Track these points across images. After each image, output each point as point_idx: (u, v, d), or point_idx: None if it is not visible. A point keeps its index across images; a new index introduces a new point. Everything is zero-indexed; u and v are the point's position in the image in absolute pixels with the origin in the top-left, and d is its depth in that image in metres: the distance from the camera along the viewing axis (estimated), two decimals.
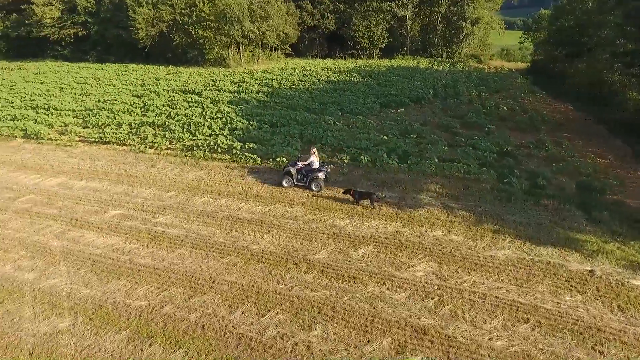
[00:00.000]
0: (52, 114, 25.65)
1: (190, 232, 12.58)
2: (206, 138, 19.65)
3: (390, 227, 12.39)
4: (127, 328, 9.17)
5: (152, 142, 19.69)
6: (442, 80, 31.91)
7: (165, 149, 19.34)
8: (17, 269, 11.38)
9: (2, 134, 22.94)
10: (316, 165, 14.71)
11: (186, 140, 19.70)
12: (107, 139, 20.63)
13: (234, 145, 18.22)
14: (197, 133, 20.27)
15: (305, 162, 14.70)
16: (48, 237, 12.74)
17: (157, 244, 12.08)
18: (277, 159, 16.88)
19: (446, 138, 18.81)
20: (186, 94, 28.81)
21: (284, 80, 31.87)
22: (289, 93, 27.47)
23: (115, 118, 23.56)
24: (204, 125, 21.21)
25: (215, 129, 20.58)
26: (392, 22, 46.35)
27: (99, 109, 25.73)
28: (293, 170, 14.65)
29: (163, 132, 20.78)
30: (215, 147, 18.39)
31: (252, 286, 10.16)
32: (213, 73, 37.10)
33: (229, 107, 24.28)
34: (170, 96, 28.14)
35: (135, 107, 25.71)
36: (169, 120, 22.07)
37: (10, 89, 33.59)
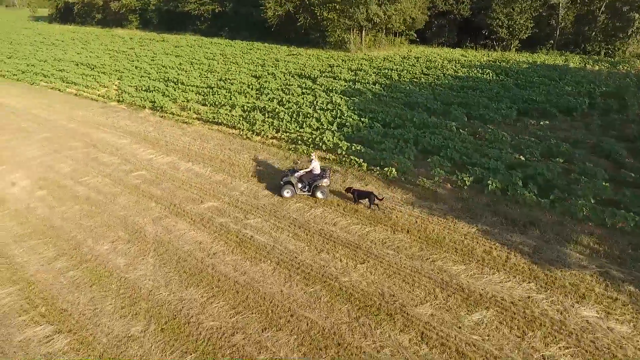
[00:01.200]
0: (178, 88, 27.11)
1: (278, 243, 11.40)
2: (312, 132, 18.39)
3: (520, 288, 9.55)
4: (194, 352, 8.31)
5: (259, 129, 19.15)
6: (601, 85, 25.75)
7: (271, 138, 18.62)
8: (112, 251, 11.50)
9: (136, 104, 24.85)
10: (318, 171, 13.60)
11: (292, 131, 18.72)
12: (220, 120, 20.75)
13: (340, 145, 16.60)
14: (304, 125, 19.14)
15: (307, 170, 13.57)
16: (146, 220, 12.79)
17: (242, 251, 11.17)
18: (385, 169, 14.78)
19: (607, 169, 14.46)
20: (301, 78, 28.03)
21: (405, 71, 29.08)
22: (408, 88, 24.78)
23: (231, 99, 23.79)
24: (312, 116, 19.99)
25: (323, 122, 19.20)
26: (540, 10, 39.46)
27: (219, 88, 26.38)
28: (294, 180, 13.41)
29: (271, 120, 20.13)
30: (320, 144, 17.00)
31: (334, 334, 8.52)
32: (332, 57, 35.87)
33: (341, 98, 22.70)
34: (285, 80, 27.66)
35: (252, 89, 25.74)
36: (279, 108, 21.38)
37: (152, 60, 36.90)
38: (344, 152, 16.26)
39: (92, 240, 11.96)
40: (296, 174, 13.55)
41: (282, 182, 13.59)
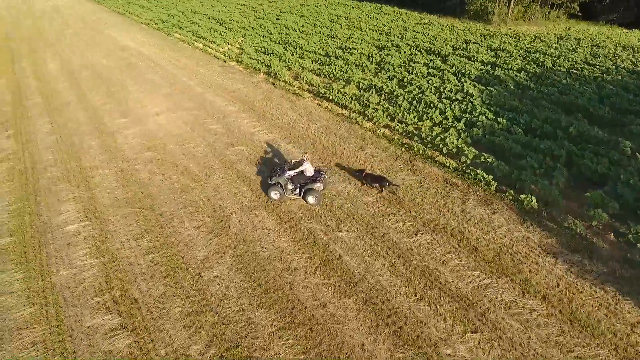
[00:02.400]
0: (296, 53, 25.78)
1: (370, 273, 9.42)
2: (433, 127, 15.47)
3: None
4: None
5: (372, 114, 16.83)
6: None
7: (384, 127, 16.21)
8: (194, 238, 10.76)
9: (252, 67, 24.27)
10: (310, 173, 11.91)
11: (409, 123, 16.00)
12: (331, 97, 18.90)
13: (465, 151, 13.53)
14: (424, 116, 16.23)
15: (298, 170, 11.79)
16: (234, 208, 11.83)
17: (327, 273, 9.47)
18: (522, 195, 11.48)
19: None
20: (429, 54, 24.42)
21: (562, 57, 23.39)
22: (565, 81, 19.69)
23: (347, 72, 21.65)
24: (436, 107, 16.89)
25: (448, 117, 16.05)
26: None
27: (336, 57, 24.35)
28: (283, 181, 11.75)
29: (387, 104, 17.58)
30: (441, 146, 14.11)
31: None
32: (469, 30, 30.91)
33: (475, 86, 18.92)
34: (411, 54, 24.36)
35: (371, 62, 23.18)
36: (398, 90, 18.61)
37: (276, 19, 36.18)
38: (468, 161, 13.20)
39: (178, 222, 11.40)
40: (286, 175, 11.79)
41: (270, 182, 11.95)
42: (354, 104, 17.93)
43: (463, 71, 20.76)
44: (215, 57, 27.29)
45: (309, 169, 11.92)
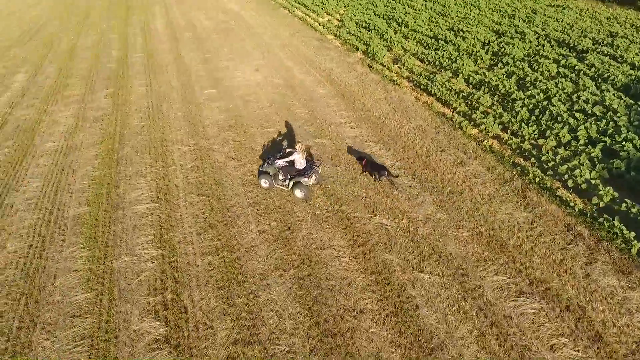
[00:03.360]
0: (400, 32, 23.18)
1: (452, 340, 7.60)
2: (557, 149, 12.49)
3: None
4: None
5: (480, 119, 14.18)
6: None
7: (492, 137, 13.56)
8: (256, 245, 9.77)
9: (350, 43, 22.35)
10: (301, 165, 11.13)
11: (526, 137, 13.14)
12: (433, 90, 16.43)
13: (600, 190, 10.58)
14: (548, 133, 13.20)
15: (287, 160, 11.10)
16: (302, 217, 10.57)
17: (397, 327, 7.86)
18: None
19: None
20: (561, 47, 20.22)
21: None
22: None
23: (456, 61, 18.76)
24: (565, 122, 13.66)
25: (580, 138, 12.85)
26: None
27: (445, 41, 21.33)
28: (272, 170, 11.15)
29: (500, 109, 14.70)
30: (566, 177, 11.24)
31: None
32: (615, 19, 25.18)
33: (620, 99, 15.01)
34: (538, 46, 20.40)
35: (487, 52, 19.86)
36: (517, 93, 15.49)
37: None
38: (602, 204, 10.28)
39: (243, 221, 10.49)
40: (277, 163, 11.13)
41: (260, 169, 11.42)
42: (460, 103, 15.32)
43: (605, 75, 16.68)
44: (313, 28, 25.75)
45: (299, 161, 11.09)
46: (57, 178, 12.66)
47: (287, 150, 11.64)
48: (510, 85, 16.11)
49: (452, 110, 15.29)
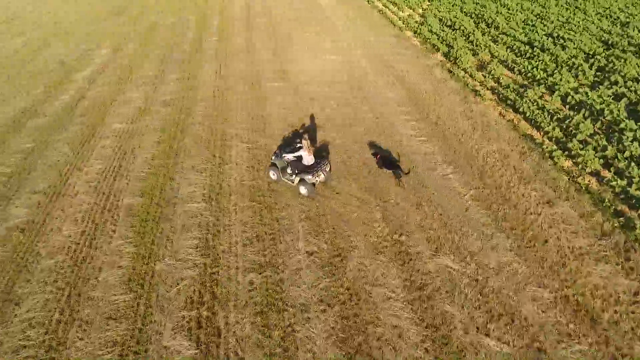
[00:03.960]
0: (488, 34, 20.90)
1: None
2: None
3: None
4: None
5: (577, 149, 12.10)
6: None
7: (590, 175, 11.48)
8: (305, 266, 8.97)
9: (430, 43, 20.57)
10: (308, 161, 10.78)
11: (635, 181, 10.91)
12: (522, 107, 14.42)
13: None
14: None
15: (295, 155, 10.87)
16: (355, 243, 9.56)
17: None
18: None
19: None
20: None
21: None
22: None
23: (552, 74, 16.38)
24: None
25: None
26: None
27: (542, 50, 18.80)
28: (280, 163, 11.04)
29: (604, 139, 12.46)
30: None
31: None
32: None
33: None
34: None
35: (591, 65, 17.15)
36: (628, 122, 13.03)
37: None
38: None
39: (291, 238, 9.72)
40: (285, 157, 11.02)
41: (271, 160, 11.40)
42: (553, 127, 13.25)
43: None
44: (391, 22, 24.13)
45: (306, 157, 10.91)
46: (118, 162, 12.74)
47: (298, 145, 11.24)
48: (619, 111, 13.65)
49: (542, 134, 13.27)
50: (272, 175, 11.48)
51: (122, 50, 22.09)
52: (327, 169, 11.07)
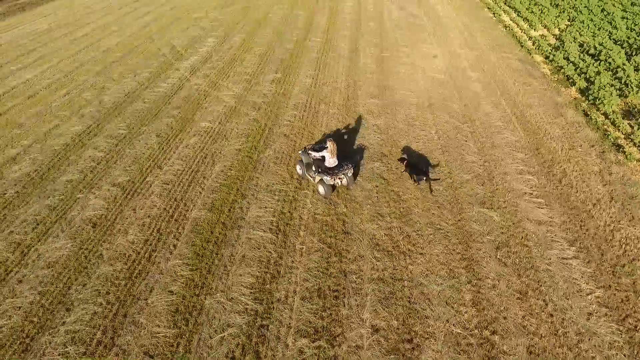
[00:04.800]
0: None
1: None
2: None
3: None
4: None
5: None
6: None
7: None
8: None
9: (564, 73, 17.27)
10: (330, 163, 10.70)
11: None
12: None
13: None
14: None
15: (319, 155, 10.77)
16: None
17: None
18: None
19: None
20: None
21: None
22: None
23: None
24: None
25: None
26: None
27: None
28: (305, 158, 10.95)
29: None
30: None
31: None
32: None
33: None
34: None
35: None
36: None
37: (633, 3, 25.41)
38: None
39: (358, 300, 8.23)
40: (311, 154, 10.91)
41: (300, 154, 11.43)
42: None
43: None
44: (518, 42, 20.97)
45: (329, 159, 10.76)
46: (196, 166, 12.34)
47: (325, 145, 10.93)
48: None
49: None
50: (299, 169, 11.53)
51: (229, 41, 22.19)
52: (350, 174, 10.89)
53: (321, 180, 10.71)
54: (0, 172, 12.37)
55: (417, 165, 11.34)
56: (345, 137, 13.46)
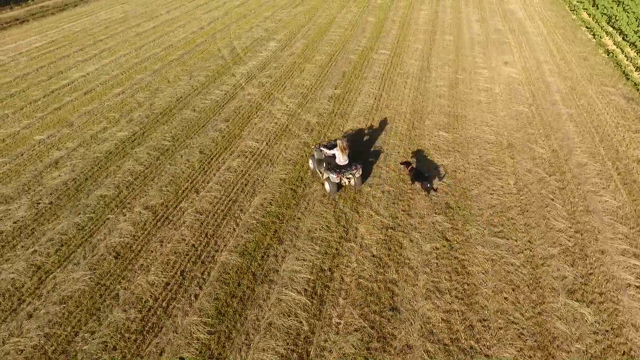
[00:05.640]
0: None
1: None
2: None
3: None
4: None
5: None
6: None
7: None
8: None
9: None
10: (340, 161, 10.80)
11: None
12: None
13: None
14: None
15: (330, 152, 10.89)
16: None
17: None
18: None
19: None
20: None
21: None
22: None
23: None
24: None
25: None
26: None
27: None
28: (317, 154, 11.21)
29: None
30: None
31: None
32: None
33: None
34: None
35: None
36: None
37: None
38: None
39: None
40: (322, 150, 11.01)
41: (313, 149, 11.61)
42: None
43: None
44: (623, 73, 17.76)
45: (339, 157, 10.78)
46: (235, 195, 11.15)
47: (338, 141, 10.81)
48: None
49: None
50: (310, 164, 11.72)
51: (290, 47, 20.98)
52: (358, 175, 10.87)
53: (328, 177, 10.75)
54: (40, 177, 11.99)
55: (422, 171, 10.99)
56: (403, 173, 11.65)
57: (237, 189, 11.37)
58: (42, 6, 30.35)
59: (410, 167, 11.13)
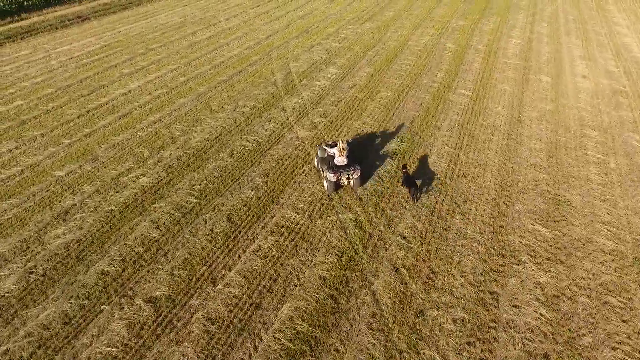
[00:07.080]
0: None
1: None
2: None
3: None
4: None
5: None
6: None
7: None
8: None
9: None
10: (338, 161, 11.02)
11: None
12: None
13: None
14: None
15: (331, 151, 11.28)
16: None
17: None
18: None
19: None
20: None
21: None
22: None
23: None
24: None
25: None
26: None
27: None
28: (320, 152, 11.49)
29: None
30: None
31: None
32: None
33: None
34: None
35: None
36: None
37: None
38: None
39: None
40: (326, 149, 11.33)
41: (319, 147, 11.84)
42: None
43: None
44: None
45: (337, 157, 10.96)
46: (260, 296, 8.70)
47: (340, 142, 10.96)
48: None
49: None
50: (315, 162, 11.86)
51: (353, 76, 18.27)
52: (356, 176, 10.95)
53: (326, 176, 10.86)
54: (44, 233, 10.27)
55: (410, 177, 10.96)
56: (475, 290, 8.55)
57: (264, 287, 8.90)
58: (105, 3, 29.90)
59: (404, 171, 11.08)
